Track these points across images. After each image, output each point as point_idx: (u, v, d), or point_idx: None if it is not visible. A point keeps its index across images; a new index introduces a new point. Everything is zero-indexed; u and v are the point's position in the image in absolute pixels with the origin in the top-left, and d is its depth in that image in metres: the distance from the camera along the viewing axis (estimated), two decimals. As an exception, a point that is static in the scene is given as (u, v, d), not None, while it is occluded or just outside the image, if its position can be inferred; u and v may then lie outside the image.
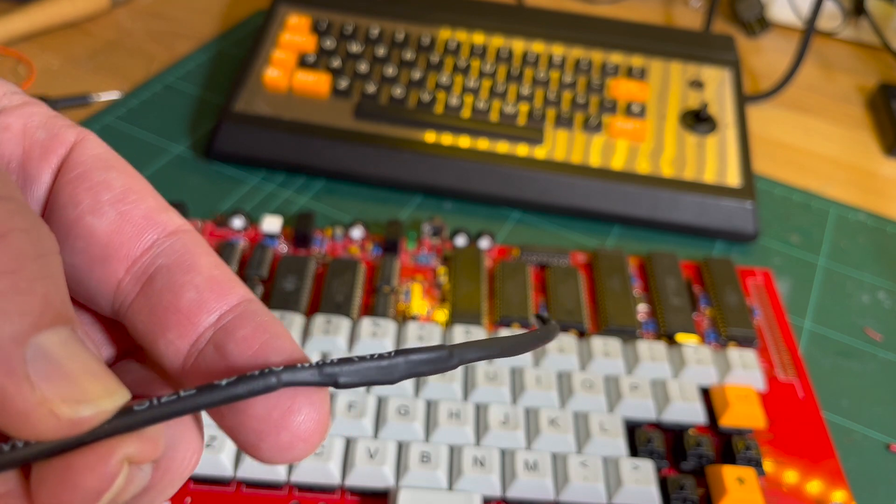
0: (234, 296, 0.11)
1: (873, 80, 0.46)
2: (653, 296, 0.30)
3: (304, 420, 0.10)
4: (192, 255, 0.12)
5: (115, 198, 0.11)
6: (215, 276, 0.11)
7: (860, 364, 0.29)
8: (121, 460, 0.09)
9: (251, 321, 0.11)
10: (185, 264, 0.11)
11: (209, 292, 0.11)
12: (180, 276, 0.11)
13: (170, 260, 0.11)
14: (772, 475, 0.25)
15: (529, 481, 0.23)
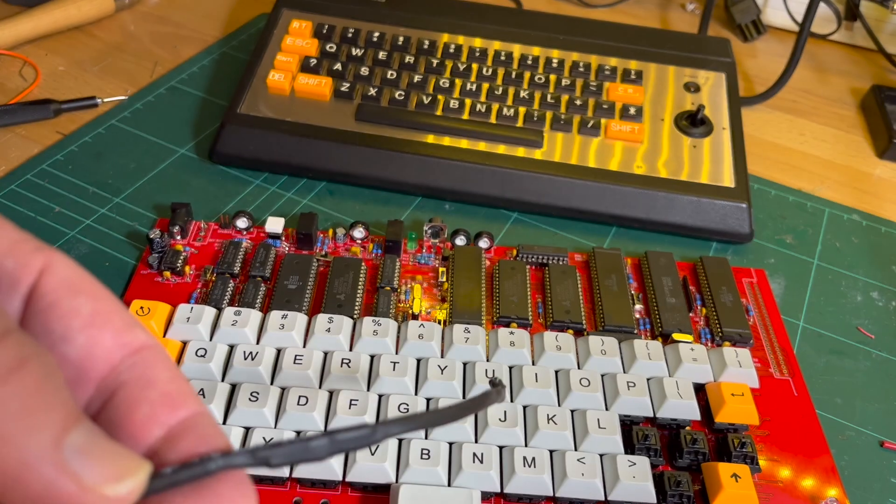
0: (183, 410, 0.12)
1: (866, 83, 0.46)
2: (649, 295, 0.30)
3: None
4: (152, 370, 0.13)
5: (84, 324, 0.12)
6: (169, 391, 0.12)
7: (854, 362, 0.30)
8: None
9: (194, 433, 0.12)
10: (145, 380, 0.12)
11: (162, 407, 0.12)
12: (138, 392, 0.12)
13: (131, 376, 0.12)
14: (766, 472, 0.25)
15: (527, 477, 0.23)
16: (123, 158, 0.35)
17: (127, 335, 0.13)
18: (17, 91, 0.39)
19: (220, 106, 0.39)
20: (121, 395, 0.12)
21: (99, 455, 0.10)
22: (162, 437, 0.12)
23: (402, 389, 0.25)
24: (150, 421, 0.12)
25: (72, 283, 0.13)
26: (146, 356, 0.13)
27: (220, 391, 0.24)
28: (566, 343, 0.27)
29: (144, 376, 0.12)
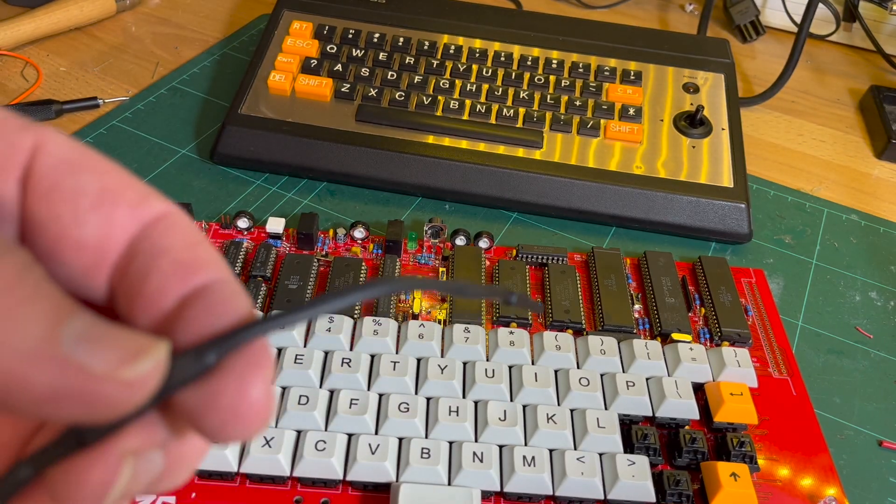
0: (197, 278, 0.11)
1: (865, 83, 0.46)
2: (648, 295, 0.30)
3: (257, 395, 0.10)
4: (168, 240, 0.11)
5: (93, 204, 0.11)
6: (182, 260, 0.11)
7: (852, 362, 0.30)
8: (120, 455, 0.10)
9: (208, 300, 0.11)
10: (159, 250, 0.11)
11: (174, 277, 0.11)
12: (151, 262, 0.11)
13: (145, 248, 0.11)
14: (765, 471, 0.25)
15: (527, 476, 0.23)
16: (125, 159, 0.35)
17: (143, 207, 0.11)
18: (18, 92, 0.39)
19: (221, 106, 0.39)
20: (134, 269, 0.11)
21: (104, 340, 0.09)
22: (173, 309, 0.11)
23: (403, 389, 0.25)
24: (161, 292, 0.11)
25: (71, 161, 0.11)
26: (162, 225, 0.11)
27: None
28: (566, 343, 0.27)
29: (157, 245, 0.11)
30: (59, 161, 0.11)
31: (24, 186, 0.11)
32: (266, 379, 0.10)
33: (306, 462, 0.23)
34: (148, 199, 0.11)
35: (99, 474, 0.10)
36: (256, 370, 0.10)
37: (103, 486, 0.10)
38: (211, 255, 0.11)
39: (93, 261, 0.11)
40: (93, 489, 0.10)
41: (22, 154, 0.11)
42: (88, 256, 0.11)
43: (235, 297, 0.11)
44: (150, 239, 0.11)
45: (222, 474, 0.23)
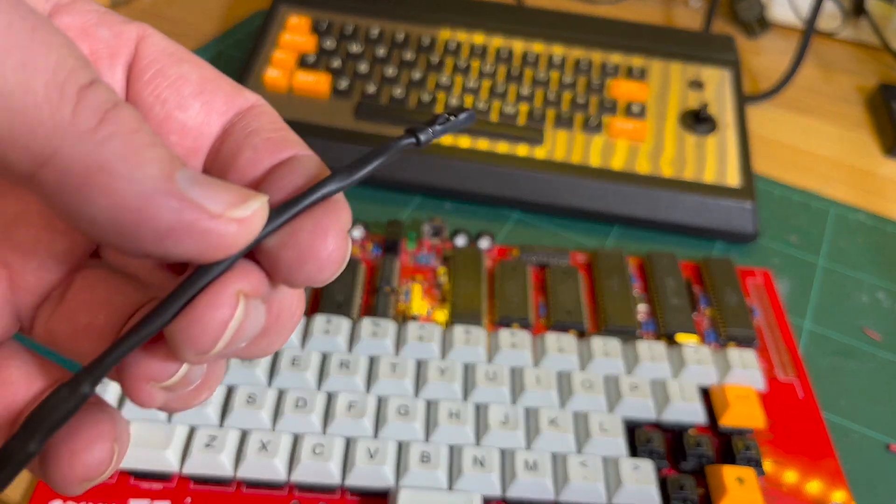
0: (286, 151, 0.12)
1: (873, 81, 0.46)
2: (652, 296, 0.30)
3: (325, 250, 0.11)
4: (259, 123, 0.12)
5: (195, 90, 0.12)
6: (272, 137, 0.12)
7: (860, 364, 0.29)
8: (235, 293, 0.11)
9: (295, 169, 0.12)
10: (251, 131, 0.12)
11: (264, 150, 0.12)
12: (242, 140, 0.12)
13: (238, 130, 0.12)
14: (771, 475, 0.25)
15: (529, 481, 0.23)
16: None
17: (237, 98, 0.13)
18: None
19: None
20: (226, 145, 0.12)
21: (213, 185, 0.10)
22: (263, 176, 0.12)
23: (402, 391, 0.25)
24: (252, 164, 0.12)
25: (172, 52, 0.12)
26: (255, 112, 0.13)
27: (217, 393, 0.24)
28: (568, 344, 0.27)
29: (249, 126, 0.12)
30: (161, 51, 0.12)
31: (129, 72, 0.12)
32: (342, 224, 0.11)
33: (304, 466, 0.23)
34: (242, 91, 0.13)
35: (217, 312, 0.11)
36: (333, 214, 0.11)
37: (222, 324, 0.11)
38: (297, 139, 0.13)
39: (193, 145, 0.12)
40: (212, 328, 0.11)
41: (129, 43, 0.12)
42: (189, 140, 0.12)
43: (319, 166, 0.12)
44: (243, 122, 0.12)
45: (218, 479, 0.23)
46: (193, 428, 0.23)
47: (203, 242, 0.10)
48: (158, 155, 0.10)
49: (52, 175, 0.10)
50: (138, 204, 0.10)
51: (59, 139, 0.09)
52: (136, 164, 0.10)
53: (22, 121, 0.09)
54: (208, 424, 0.24)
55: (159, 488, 0.23)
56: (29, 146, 0.09)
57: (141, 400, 0.11)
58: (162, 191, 0.10)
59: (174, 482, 0.23)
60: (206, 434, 0.23)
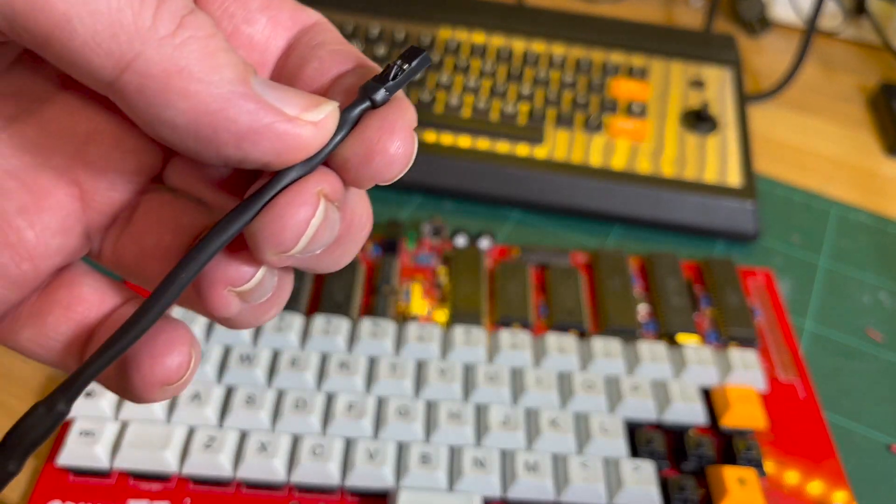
0: (350, 62, 0.13)
1: (874, 80, 0.46)
2: (653, 296, 0.30)
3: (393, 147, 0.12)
4: (322, 37, 0.13)
5: (262, 5, 0.13)
6: (338, 49, 0.13)
7: (861, 364, 0.29)
8: (316, 192, 0.11)
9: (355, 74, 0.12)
10: (313, 43, 0.13)
11: (330, 61, 0.12)
12: (308, 53, 0.13)
13: (302, 46, 0.13)
14: (773, 476, 0.25)
15: (530, 482, 0.23)
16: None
17: (301, 13, 0.13)
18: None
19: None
20: (292, 57, 0.13)
21: (286, 90, 0.11)
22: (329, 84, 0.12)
23: (402, 392, 0.25)
24: (318, 73, 0.12)
25: None
26: (319, 28, 0.13)
27: (216, 394, 0.24)
28: (569, 345, 0.27)
29: (315, 40, 0.13)
30: None
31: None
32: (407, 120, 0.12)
33: (303, 468, 0.23)
34: (305, 8, 0.13)
35: (300, 209, 0.11)
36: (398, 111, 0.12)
37: (304, 221, 0.11)
38: (360, 53, 0.13)
39: (259, 59, 0.13)
40: (295, 225, 0.11)
41: None
42: (256, 54, 0.13)
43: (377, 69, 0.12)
44: (307, 37, 0.13)
45: (217, 480, 0.23)
46: (193, 428, 0.23)
47: (280, 144, 0.10)
48: (233, 60, 0.10)
49: (134, 79, 0.10)
50: (217, 106, 0.10)
51: (141, 43, 0.10)
52: (212, 68, 0.10)
53: (105, 25, 0.10)
54: (207, 425, 0.24)
55: (158, 489, 0.23)
56: (112, 50, 0.10)
57: (216, 305, 0.12)
58: (238, 93, 0.10)
59: (173, 483, 0.23)
60: (206, 434, 0.23)
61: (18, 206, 0.12)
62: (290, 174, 0.11)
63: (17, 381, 0.26)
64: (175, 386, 0.12)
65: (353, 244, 0.13)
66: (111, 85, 0.10)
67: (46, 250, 0.12)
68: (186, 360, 0.12)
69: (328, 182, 0.11)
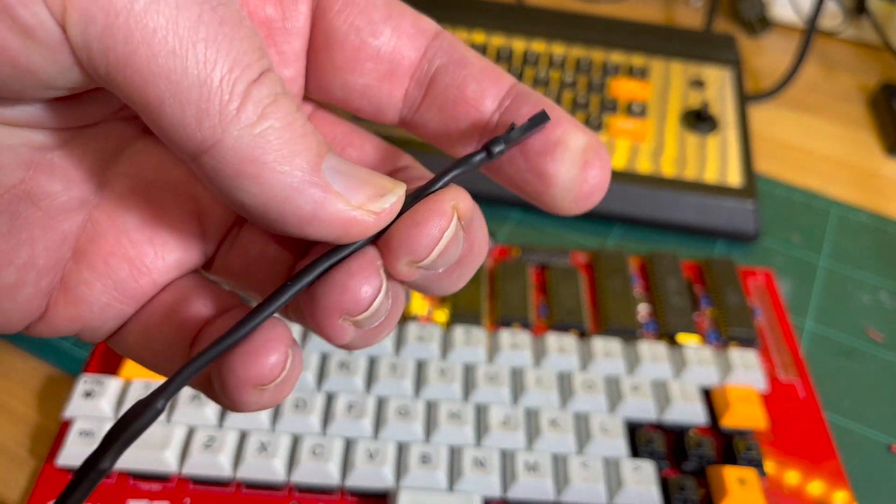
0: (505, 81, 0.13)
1: (875, 80, 0.46)
2: (654, 296, 0.30)
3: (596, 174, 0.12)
4: (460, 52, 0.13)
5: (384, 16, 0.13)
6: (486, 66, 0.13)
7: (861, 364, 0.29)
8: (452, 204, 0.12)
9: (526, 100, 0.13)
10: (458, 61, 0.13)
11: (486, 81, 0.13)
12: (459, 72, 0.13)
13: (443, 60, 0.13)
14: (773, 476, 0.25)
15: (530, 482, 0.23)
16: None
17: (422, 23, 0.13)
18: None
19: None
20: (442, 80, 0.13)
21: (357, 176, 0.11)
22: (496, 109, 0.13)
23: (402, 392, 0.25)
24: (481, 96, 0.13)
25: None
26: (447, 40, 0.13)
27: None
28: (569, 345, 0.27)
29: (456, 57, 0.13)
30: None
31: (315, 4, 0.13)
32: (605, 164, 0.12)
33: (303, 468, 0.23)
34: (424, 18, 0.13)
35: (438, 219, 0.11)
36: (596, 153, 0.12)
37: (440, 230, 0.11)
38: (501, 68, 0.13)
39: (387, 69, 0.13)
40: (430, 233, 0.11)
41: None
42: (384, 65, 0.13)
43: (540, 95, 0.13)
44: (444, 53, 0.13)
45: (217, 480, 0.23)
46: (192, 428, 0.23)
47: (341, 230, 0.11)
48: (308, 145, 0.11)
49: (212, 162, 0.10)
50: (286, 195, 0.10)
51: (223, 130, 0.10)
52: (286, 157, 0.10)
53: (193, 111, 0.10)
54: (207, 425, 0.24)
55: (158, 489, 0.23)
56: (194, 134, 0.10)
57: (332, 334, 0.12)
58: (307, 182, 0.10)
59: (173, 483, 0.23)
60: (206, 434, 0.23)
61: (139, 221, 0.12)
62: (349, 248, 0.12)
63: (17, 381, 0.26)
64: (271, 388, 0.11)
65: (471, 267, 0.13)
66: (189, 161, 0.11)
67: (165, 265, 0.13)
68: (282, 360, 0.11)
69: (464, 199, 0.12)
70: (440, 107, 0.13)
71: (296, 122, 0.11)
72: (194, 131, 0.10)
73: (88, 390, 0.24)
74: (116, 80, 0.10)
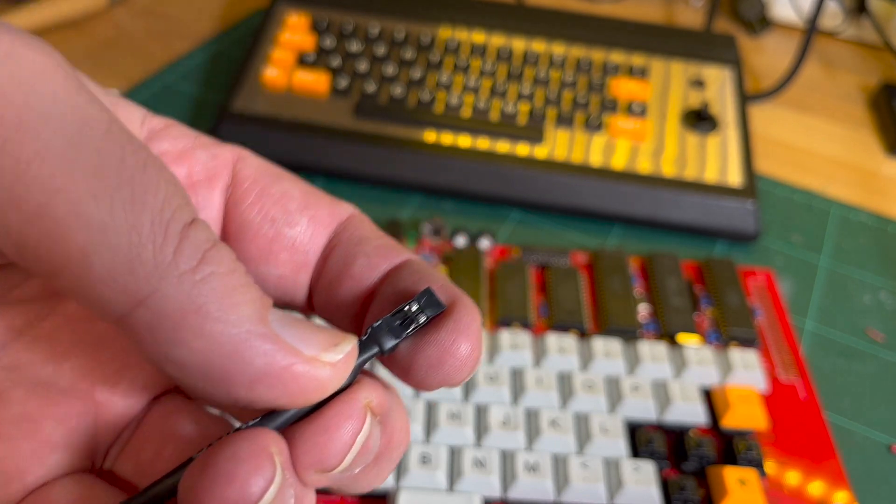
0: (399, 257, 0.12)
1: (875, 80, 0.46)
2: (654, 296, 0.30)
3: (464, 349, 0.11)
4: (362, 231, 0.13)
5: (300, 206, 0.13)
6: (382, 244, 0.13)
7: (862, 365, 0.29)
8: (365, 403, 0.10)
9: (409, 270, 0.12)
10: (356, 238, 0.13)
11: (378, 257, 0.12)
12: (352, 248, 0.12)
13: (343, 238, 0.13)
14: (773, 476, 0.25)
15: (530, 482, 0.23)
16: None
17: (337, 208, 0.13)
18: (10, 87, 0.38)
19: (216, 103, 0.38)
20: (337, 254, 0.13)
21: (304, 327, 0.10)
22: (380, 280, 0.12)
23: (402, 393, 0.25)
24: (368, 269, 0.12)
25: (270, 171, 0.13)
26: (354, 222, 0.13)
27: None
28: (569, 345, 0.27)
29: (356, 235, 0.13)
30: (260, 170, 0.13)
31: (230, 195, 0.12)
32: (478, 326, 0.11)
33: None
34: (340, 203, 0.13)
35: (347, 422, 0.10)
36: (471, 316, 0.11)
37: (352, 434, 0.10)
38: (401, 246, 0.13)
39: (303, 259, 0.13)
40: (341, 440, 0.10)
41: (226, 164, 0.12)
42: (300, 255, 0.12)
43: (430, 268, 0.12)
44: (347, 232, 0.13)
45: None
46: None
47: (295, 387, 0.10)
48: (252, 296, 0.10)
49: (147, 315, 0.09)
50: (232, 347, 0.09)
51: (159, 278, 0.09)
52: (231, 306, 0.09)
53: (123, 259, 0.09)
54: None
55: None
56: (127, 285, 0.09)
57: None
58: (256, 333, 0.09)
59: None
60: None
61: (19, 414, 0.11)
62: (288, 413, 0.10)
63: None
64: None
65: (390, 463, 0.12)
66: (121, 319, 0.09)
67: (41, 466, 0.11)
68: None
69: (375, 392, 0.11)
70: (326, 283, 0.12)
71: (238, 270, 0.10)
72: (126, 282, 0.09)
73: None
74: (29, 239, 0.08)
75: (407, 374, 0.11)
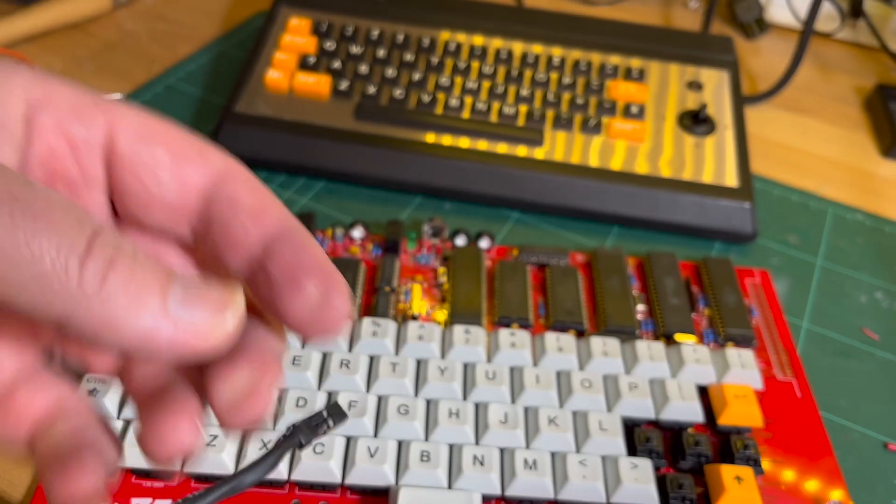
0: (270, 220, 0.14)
1: (871, 81, 0.46)
2: (651, 296, 0.30)
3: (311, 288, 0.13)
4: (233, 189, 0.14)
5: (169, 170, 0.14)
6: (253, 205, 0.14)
7: (858, 363, 0.30)
8: None
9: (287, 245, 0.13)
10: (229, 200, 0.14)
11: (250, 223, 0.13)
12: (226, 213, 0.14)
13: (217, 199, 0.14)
14: (770, 474, 0.25)
15: (529, 480, 0.23)
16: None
17: (206, 165, 0.14)
18: (13, 89, 0.38)
19: (218, 105, 0.38)
20: (214, 217, 0.14)
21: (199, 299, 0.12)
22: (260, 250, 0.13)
23: (402, 391, 0.25)
24: (245, 237, 0.13)
25: (143, 134, 0.14)
26: (227, 178, 0.14)
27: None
28: (567, 344, 0.27)
29: (228, 196, 0.14)
30: (134, 135, 0.14)
31: (108, 164, 0.14)
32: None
33: (304, 465, 0.23)
34: (208, 156, 0.14)
35: None
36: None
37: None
38: (272, 198, 0.14)
39: (177, 214, 0.14)
40: None
41: (99, 136, 0.14)
42: (173, 211, 0.14)
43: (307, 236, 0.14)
44: (221, 189, 0.14)
45: (218, 478, 0.23)
46: (194, 427, 0.24)
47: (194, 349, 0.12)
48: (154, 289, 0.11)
49: (71, 329, 0.11)
50: (142, 338, 0.12)
51: (72, 305, 0.11)
52: (137, 309, 0.11)
53: (41, 296, 0.11)
54: (210, 424, 0.24)
55: (161, 487, 0.23)
56: (48, 312, 0.11)
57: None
58: (160, 322, 0.11)
59: (176, 481, 0.23)
60: (208, 434, 0.23)
61: None
62: None
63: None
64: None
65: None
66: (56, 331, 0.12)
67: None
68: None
69: None
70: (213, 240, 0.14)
71: (135, 270, 0.11)
72: (47, 310, 0.11)
73: (92, 389, 0.24)
74: None
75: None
